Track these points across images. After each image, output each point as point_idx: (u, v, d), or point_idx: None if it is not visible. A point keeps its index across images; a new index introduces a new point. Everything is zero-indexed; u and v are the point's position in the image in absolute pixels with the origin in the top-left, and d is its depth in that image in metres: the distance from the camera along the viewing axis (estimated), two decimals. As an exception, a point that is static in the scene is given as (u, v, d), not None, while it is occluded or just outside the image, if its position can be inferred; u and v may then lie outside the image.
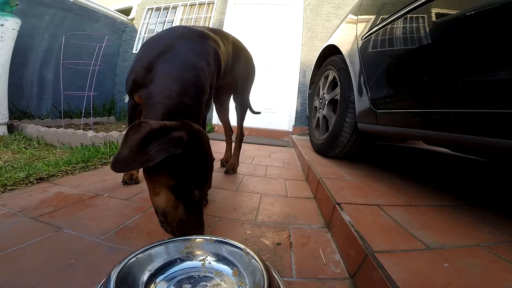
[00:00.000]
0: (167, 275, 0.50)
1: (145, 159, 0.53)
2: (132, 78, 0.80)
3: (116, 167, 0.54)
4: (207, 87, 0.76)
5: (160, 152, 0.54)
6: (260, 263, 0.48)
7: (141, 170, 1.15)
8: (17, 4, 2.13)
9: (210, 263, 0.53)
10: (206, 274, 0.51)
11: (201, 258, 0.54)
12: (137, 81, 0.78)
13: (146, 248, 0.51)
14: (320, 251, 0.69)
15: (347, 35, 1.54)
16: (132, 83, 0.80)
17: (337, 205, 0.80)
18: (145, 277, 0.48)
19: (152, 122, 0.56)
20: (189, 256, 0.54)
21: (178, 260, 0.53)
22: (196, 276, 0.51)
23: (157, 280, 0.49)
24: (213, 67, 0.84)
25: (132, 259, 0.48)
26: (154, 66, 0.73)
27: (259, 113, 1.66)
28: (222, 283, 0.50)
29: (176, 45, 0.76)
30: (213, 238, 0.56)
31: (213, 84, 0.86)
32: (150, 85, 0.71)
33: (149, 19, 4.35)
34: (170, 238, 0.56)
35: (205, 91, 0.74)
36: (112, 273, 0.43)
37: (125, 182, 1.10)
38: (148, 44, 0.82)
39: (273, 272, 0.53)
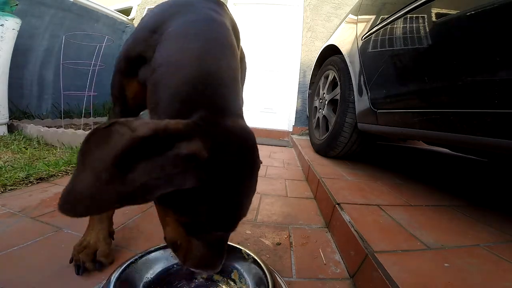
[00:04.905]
0: (166, 281, 0.50)
1: (127, 195, 0.27)
2: (125, 54, 0.51)
3: (70, 208, 0.27)
4: (236, 49, 0.48)
5: (155, 188, 0.29)
6: (262, 265, 0.48)
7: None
8: (17, 4, 2.12)
9: (209, 266, 0.53)
10: (206, 278, 0.51)
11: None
12: (132, 58, 0.50)
13: (143, 253, 0.51)
14: (320, 251, 0.69)
15: (347, 35, 1.54)
16: (126, 61, 0.51)
17: (337, 205, 0.80)
18: (144, 282, 0.48)
19: (137, 123, 0.28)
20: (188, 261, 0.54)
21: (176, 265, 0.52)
22: (196, 281, 0.50)
23: (156, 286, 0.48)
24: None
25: (130, 265, 0.48)
26: (162, 28, 0.47)
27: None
28: (223, 286, 0.49)
29: (193, 3, 0.51)
30: None
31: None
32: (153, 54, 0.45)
33: (149, 19, 4.35)
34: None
35: (235, 53, 0.47)
36: (112, 278, 0.43)
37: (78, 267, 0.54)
38: (156, 9, 0.55)
39: (276, 275, 0.52)
